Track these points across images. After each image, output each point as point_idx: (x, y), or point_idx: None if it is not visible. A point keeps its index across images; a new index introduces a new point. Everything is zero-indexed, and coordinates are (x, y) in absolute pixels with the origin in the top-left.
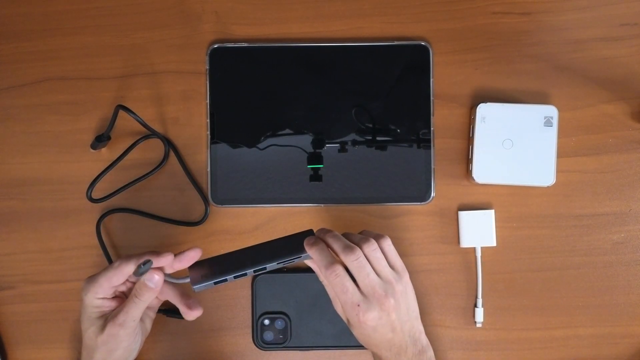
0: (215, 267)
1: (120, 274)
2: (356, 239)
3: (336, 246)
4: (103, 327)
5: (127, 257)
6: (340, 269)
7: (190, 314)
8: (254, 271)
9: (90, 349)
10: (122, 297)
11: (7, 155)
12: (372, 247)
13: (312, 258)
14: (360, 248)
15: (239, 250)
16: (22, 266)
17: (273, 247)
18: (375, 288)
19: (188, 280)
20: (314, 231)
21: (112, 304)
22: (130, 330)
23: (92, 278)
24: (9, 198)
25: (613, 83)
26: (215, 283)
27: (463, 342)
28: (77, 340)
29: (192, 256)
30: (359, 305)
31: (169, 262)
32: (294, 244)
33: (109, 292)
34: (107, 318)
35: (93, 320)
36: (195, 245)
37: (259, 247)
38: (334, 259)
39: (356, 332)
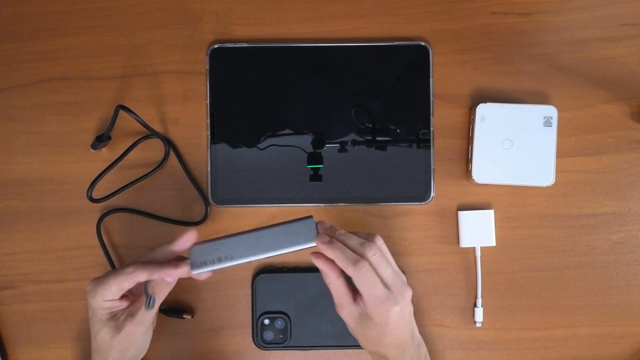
0: (216, 252)
1: (132, 281)
2: (363, 235)
3: (352, 243)
4: (119, 327)
5: (143, 266)
6: (368, 264)
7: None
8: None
9: (104, 350)
10: (129, 296)
11: (7, 155)
12: (380, 242)
13: (332, 257)
14: (372, 243)
15: (241, 234)
16: (23, 266)
17: (274, 234)
18: (395, 280)
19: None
20: (314, 219)
21: (121, 304)
22: (146, 328)
23: (100, 281)
24: (9, 198)
25: (613, 83)
26: (214, 270)
27: (463, 342)
28: (77, 340)
29: (185, 240)
30: (388, 300)
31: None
32: (295, 233)
33: (118, 295)
34: (118, 318)
35: (105, 322)
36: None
37: (260, 233)
38: (358, 255)
39: (373, 333)
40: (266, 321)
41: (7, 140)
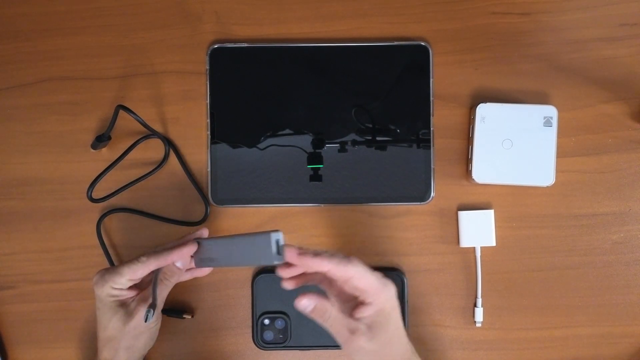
0: (208, 251)
1: (147, 269)
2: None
3: (324, 254)
4: (131, 313)
5: (155, 254)
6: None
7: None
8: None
9: (114, 340)
10: (135, 287)
11: (7, 155)
12: (340, 254)
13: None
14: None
15: (228, 238)
16: (23, 266)
17: (245, 244)
18: (374, 271)
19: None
20: (281, 238)
21: (129, 293)
22: (158, 312)
23: (110, 270)
24: (9, 198)
25: (613, 83)
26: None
27: (463, 342)
28: (77, 340)
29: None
30: (383, 280)
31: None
32: (261, 248)
33: (128, 284)
34: (129, 305)
35: (115, 309)
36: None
37: (235, 241)
38: (344, 254)
39: (390, 334)
40: (266, 321)
41: (7, 140)
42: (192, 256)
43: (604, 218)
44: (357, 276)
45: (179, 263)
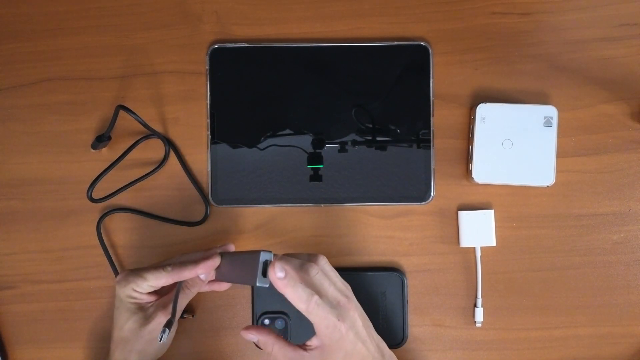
0: (232, 266)
1: (170, 280)
2: (305, 257)
3: (292, 265)
4: (148, 317)
5: (181, 265)
6: (315, 300)
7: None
8: None
9: (128, 341)
10: (154, 291)
11: (7, 155)
12: (323, 261)
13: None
14: (314, 263)
15: (240, 253)
16: (23, 266)
17: (239, 262)
18: (338, 298)
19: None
20: (269, 258)
21: (149, 298)
22: (175, 321)
23: (135, 272)
24: (9, 198)
25: (613, 83)
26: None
27: (463, 342)
28: (77, 340)
29: (210, 264)
30: (338, 320)
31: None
32: (252, 270)
33: (149, 289)
34: (147, 309)
35: (133, 311)
36: (214, 253)
37: (236, 258)
38: (299, 276)
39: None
40: (266, 321)
41: (7, 140)
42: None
43: (604, 218)
44: (307, 311)
45: (203, 275)
